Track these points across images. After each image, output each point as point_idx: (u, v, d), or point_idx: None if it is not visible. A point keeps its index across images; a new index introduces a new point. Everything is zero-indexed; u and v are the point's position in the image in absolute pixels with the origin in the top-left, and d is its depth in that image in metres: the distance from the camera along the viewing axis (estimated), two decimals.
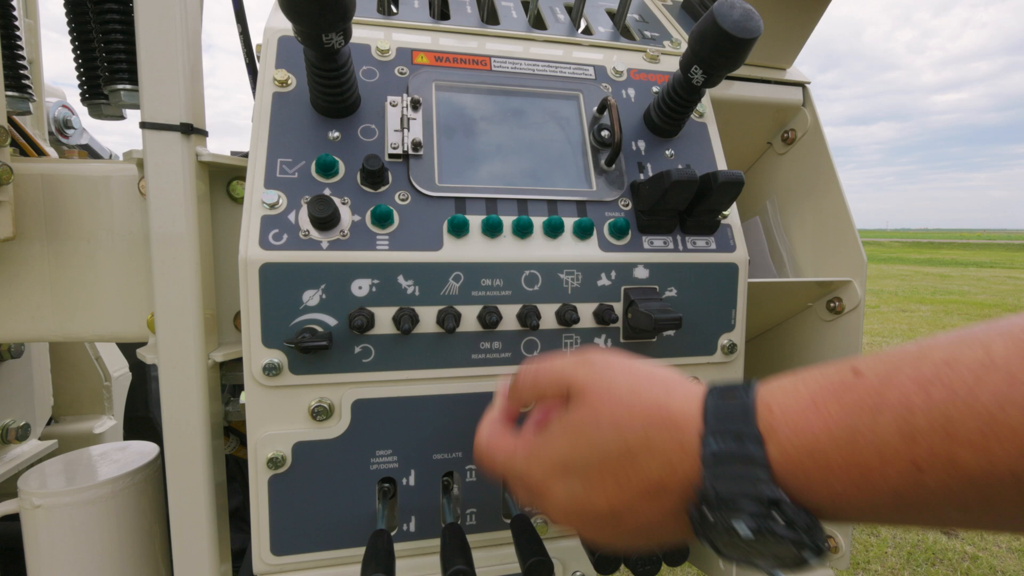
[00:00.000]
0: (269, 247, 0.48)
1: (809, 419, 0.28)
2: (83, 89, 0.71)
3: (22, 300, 0.59)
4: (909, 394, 0.25)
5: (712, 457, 0.30)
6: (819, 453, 0.27)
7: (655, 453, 0.33)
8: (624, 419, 0.34)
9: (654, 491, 0.33)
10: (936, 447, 0.24)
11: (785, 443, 0.28)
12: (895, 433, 0.25)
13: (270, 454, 0.49)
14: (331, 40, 0.44)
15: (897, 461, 0.25)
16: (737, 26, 0.48)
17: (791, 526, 0.27)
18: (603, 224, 0.56)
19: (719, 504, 0.29)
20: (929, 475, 0.24)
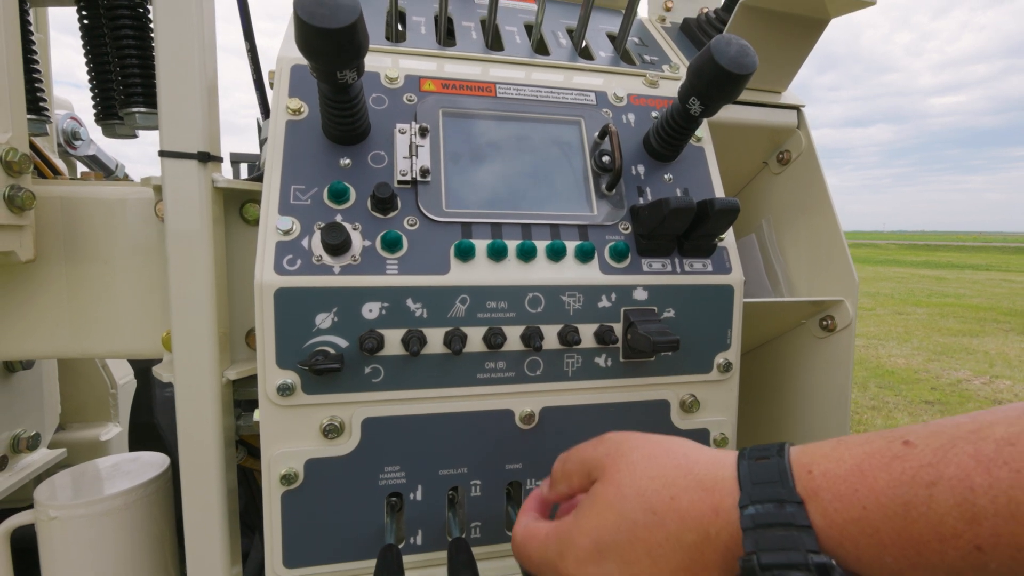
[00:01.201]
0: (284, 272, 0.49)
1: (855, 487, 0.27)
2: (97, 110, 0.72)
3: (40, 318, 0.60)
4: (969, 472, 0.24)
5: (751, 522, 0.28)
6: (868, 524, 0.26)
7: (685, 517, 0.31)
8: (646, 485, 0.34)
9: (691, 565, 0.31)
10: (1001, 530, 0.23)
11: (829, 510, 0.27)
12: (955, 513, 0.24)
13: (283, 471, 0.51)
14: (345, 76, 0.46)
15: (957, 542, 0.24)
16: (733, 62, 0.50)
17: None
18: (604, 248, 0.58)
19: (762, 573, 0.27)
20: (992, 558, 0.23)
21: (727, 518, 0.30)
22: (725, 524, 0.30)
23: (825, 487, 0.28)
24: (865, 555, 0.26)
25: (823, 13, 0.66)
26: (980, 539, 0.23)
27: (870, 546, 0.26)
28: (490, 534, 0.57)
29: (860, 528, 0.26)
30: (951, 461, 0.25)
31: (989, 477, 0.24)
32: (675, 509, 0.32)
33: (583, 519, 0.36)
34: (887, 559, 0.26)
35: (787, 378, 0.77)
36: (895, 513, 0.25)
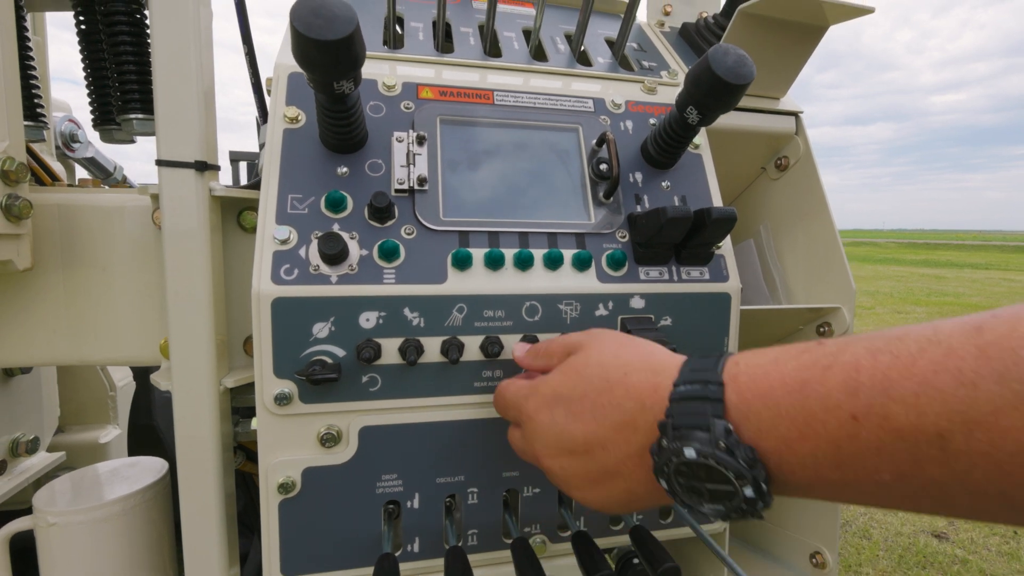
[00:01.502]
0: (281, 282, 0.50)
1: (768, 371, 0.32)
2: (95, 116, 0.72)
3: (38, 326, 0.60)
4: (859, 357, 0.28)
5: (678, 396, 0.34)
6: (771, 399, 0.31)
7: (631, 391, 0.37)
8: (610, 361, 0.40)
9: (625, 426, 0.37)
10: (874, 402, 0.27)
11: (743, 389, 0.32)
12: (840, 387, 0.28)
13: (281, 480, 0.51)
14: (342, 87, 0.46)
15: (838, 411, 0.28)
16: (731, 72, 0.50)
17: (733, 455, 0.31)
18: (601, 256, 0.58)
19: (674, 435, 0.33)
20: (864, 426, 0.27)
21: (663, 394, 0.35)
22: (659, 399, 0.35)
23: (744, 372, 0.33)
24: (764, 426, 0.31)
25: (822, 20, 0.65)
26: (856, 409, 0.27)
27: (769, 418, 0.30)
28: (487, 542, 0.57)
29: (764, 403, 0.31)
30: (848, 351, 0.29)
31: (873, 361, 0.28)
32: (624, 383, 0.38)
33: (552, 376, 0.43)
34: (781, 429, 0.30)
35: None
36: (794, 389, 0.30)
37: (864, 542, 2.36)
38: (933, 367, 0.26)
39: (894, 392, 0.26)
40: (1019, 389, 0.23)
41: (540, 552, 0.57)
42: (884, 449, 0.27)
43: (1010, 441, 0.23)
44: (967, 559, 2.22)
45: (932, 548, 2.30)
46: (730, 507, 0.32)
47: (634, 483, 0.37)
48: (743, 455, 0.30)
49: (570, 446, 0.39)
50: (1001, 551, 2.28)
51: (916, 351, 0.27)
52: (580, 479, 0.39)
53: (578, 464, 0.39)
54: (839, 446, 0.28)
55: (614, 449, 0.37)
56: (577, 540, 0.54)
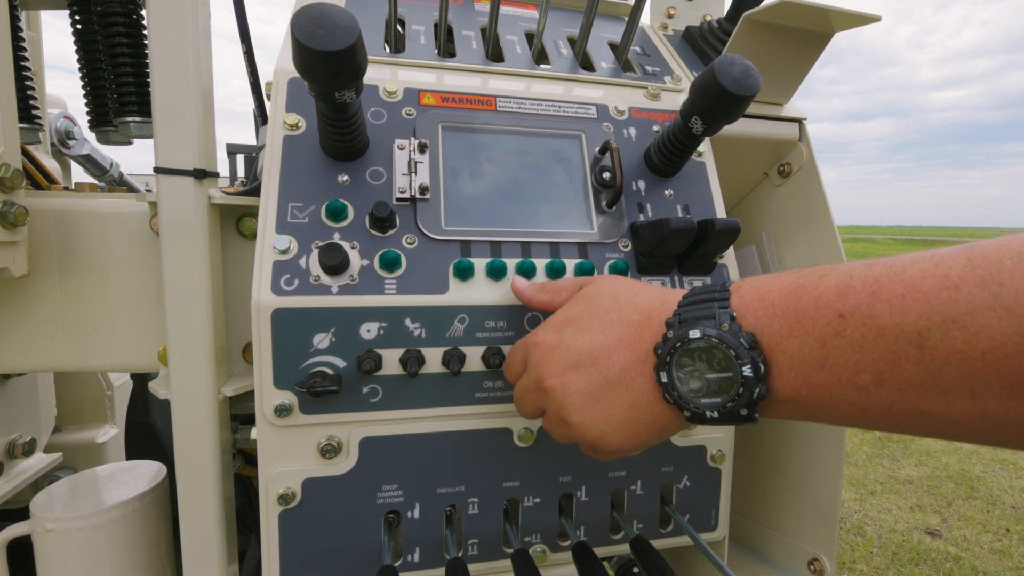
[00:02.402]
0: (281, 292, 0.49)
1: (768, 281, 0.34)
2: (91, 118, 0.71)
3: (35, 332, 0.60)
4: (854, 267, 0.30)
5: (685, 301, 0.37)
6: (767, 300, 0.33)
7: (639, 306, 0.40)
8: (620, 288, 0.42)
9: (631, 335, 0.38)
10: (861, 301, 0.28)
11: (744, 294, 0.34)
12: (832, 289, 0.30)
13: (281, 491, 0.51)
14: (343, 96, 0.45)
15: (827, 310, 0.30)
16: (736, 83, 0.50)
17: (735, 336, 0.32)
18: (603, 266, 0.58)
19: (680, 325, 0.35)
20: (849, 323, 0.29)
21: (669, 306, 0.37)
22: (667, 309, 0.37)
23: (747, 283, 0.35)
24: (760, 323, 0.33)
25: (827, 28, 0.65)
26: (844, 308, 0.29)
27: (765, 315, 0.32)
28: (488, 551, 0.57)
29: (761, 303, 0.33)
30: (845, 264, 0.31)
31: (866, 269, 0.30)
32: (633, 302, 0.40)
33: (562, 308, 0.45)
34: (774, 326, 0.32)
35: None
36: (789, 293, 0.32)
37: (858, 539, 2.38)
38: (921, 274, 0.27)
39: (881, 293, 0.28)
40: (998, 291, 0.24)
41: (540, 562, 0.57)
42: (866, 346, 0.28)
43: (983, 339, 0.24)
44: (960, 556, 2.24)
45: (925, 545, 2.32)
46: (728, 397, 0.33)
47: (635, 393, 0.37)
48: (744, 337, 0.32)
49: (575, 359, 0.40)
50: (993, 548, 2.31)
51: (908, 263, 0.28)
52: (582, 395, 0.39)
53: (581, 378, 0.39)
54: (824, 342, 0.30)
55: (618, 357, 0.38)
56: (577, 550, 0.54)
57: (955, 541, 2.36)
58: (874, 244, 34.29)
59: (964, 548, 2.31)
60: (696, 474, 0.62)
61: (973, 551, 2.29)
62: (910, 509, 2.62)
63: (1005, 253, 0.25)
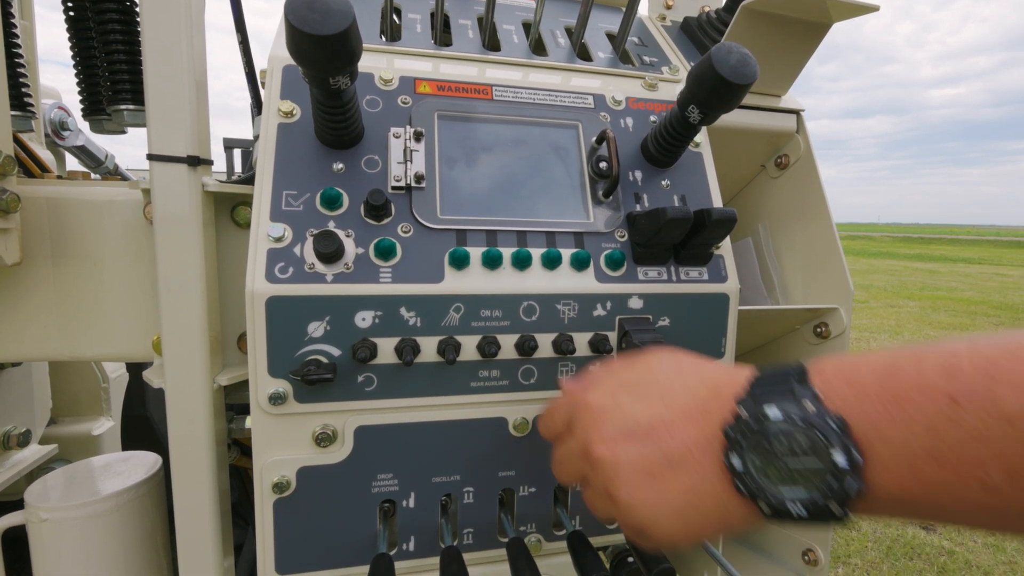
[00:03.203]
0: (275, 280, 0.49)
1: (855, 363, 0.30)
2: (84, 106, 0.71)
3: (28, 321, 0.59)
4: (956, 345, 0.26)
5: (757, 381, 0.32)
6: (856, 380, 0.28)
7: (705, 379, 0.35)
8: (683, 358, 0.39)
9: (696, 410, 0.34)
10: (976, 384, 0.24)
11: (826, 371, 0.30)
12: (936, 370, 0.26)
13: (275, 479, 0.51)
14: (338, 82, 0.45)
15: (934, 393, 0.25)
16: (733, 72, 0.49)
17: (822, 417, 0.28)
18: (599, 256, 0.58)
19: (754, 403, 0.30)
20: (966, 409, 0.24)
21: (740, 384, 0.33)
22: (737, 385, 0.33)
23: (829, 363, 0.31)
24: (850, 405, 0.28)
25: (825, 18, 0.65)
26: (956, 392, 0.25)
27: (855, 396, 0.28)
28: (482, 540, 0.57)
29: (848, 383, 0.29)
30: (942, 343, 0.27)
31: (971, 347, 0.26)
32: (699, 373, 0.36)
33: (616, 369, 0.40)
34: (868, 409, 0.27)
35: None
36: (883, 374, 0.28)
37: (853, 533, 2.39)
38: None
39: (1000, 374, 0.24)
40: None
41: (535, 551, 0.58)
42: (991, 437, 0.24)
43: None
44: (953, 551, 2.26)
45: (920, 540, 2.34)
46: (815, 488, 0.28)
47: (699, 477, 0.32)
48: (833, 420, 0.27)
49: (631, 427, 0.35)
50: (987, 543, 2.32)
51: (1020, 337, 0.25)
52: (636, 470, 0.34)
53: (636, 451, 0.34)
54: (937, 432, 0.25)
55: (680, 432, 0.33)
56: (572, 539, 0.54)
57: (949, 536, 2.37)
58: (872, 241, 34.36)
59: (958, 543, 2.32)
60: None
61: (967, 545, 2.30)
62: None
63: None
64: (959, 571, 2.14)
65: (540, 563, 0.52)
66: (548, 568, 0.59)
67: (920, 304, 7.90)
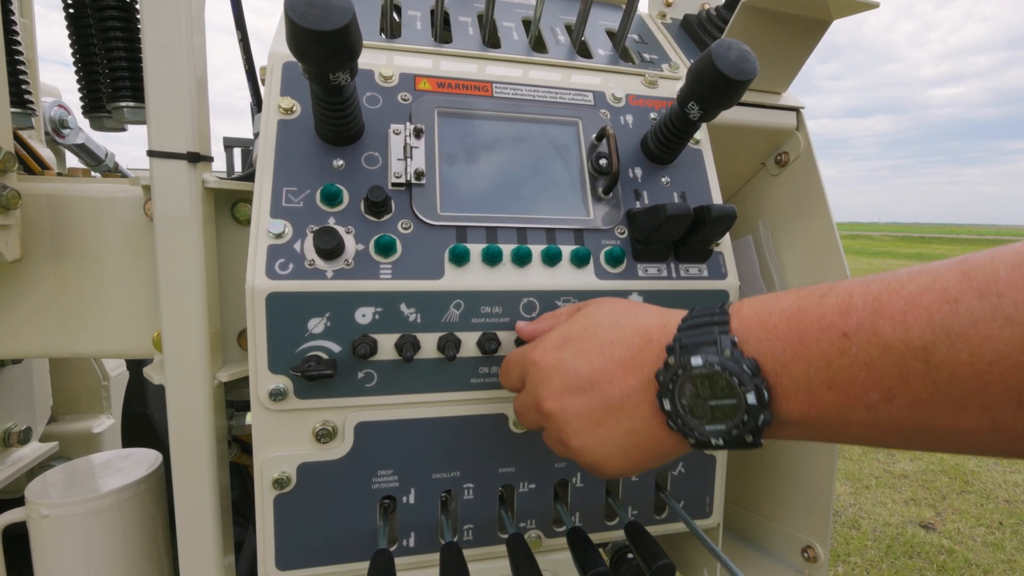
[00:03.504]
0: (275, 276, 0.49)
1: (767, 303, 0.34)
2: (84, 103, 0.71)
3: (29, 318, 0.60)
4: (852, 285, 0.30)
5: (685, 325, 0.36)
6: (769, 323, 0.33)
7: (639, 329, 0.39)
8: (619, 309, 0.42)
9: (632, 359, 0.38)
10: (864, 320, 0.28)
11: (745, 317, 0.34)
12: (833, 309, 0.30)
13: (275, 475, 0.51)
14: (338, 78, 0.45)
15: (830, 330, 0.30)
16: (733, 68, 0.49)
17: (737, 363, 0.32)
18: (599, 252, 0.58)
19: (681, 351, 0.34)
20: (854, 342, 0.28)
21: (670, 330, 0.37)
22: (667, 333, 0.37)
23: (747, 305, 0.35)
24: (762, 347, 0.32)
25: (825, 15, 0.65)
26: (847, 327, 0.29)
27: (767, 339, 0.32)
28: (482, 536, 0.57)
29: (763, 327, 0.33)
30: (843, 283, 0.31)
31: (865, 287, 0.30)
32: (633, 323, 0.40)
33: (563, 325, 0.44)
34: (777, 350, 0.32)
35: None
36: (791, 314, 0.32)
37: (853, 532, 2.40)
38: (920, 289, 0.27)
39: (883, 310, 0.28)
40: (997, 302, 0.25)
41: (535, 547, 0.58)
42: (872, 364, 0.28)
43: (988, 349, 0.25)
44: (953, 549, 2.26)
45: (919, 538, 2.34)
46: (732, 424, 0.33)
47: (637, 419, 0.37)
48: (747, 364, 0.32)
49: (575, 382, 0.39)
50: (986, 541, 2.32)
51: (906, 278, 0.28)
52: (582, 419, 0.39)
53: (581, 402, 0.39)
54: (830, 362, 0.29)
55: (619, 382, 0.37)
56: (572, 535, 0.54)
57: (949, 534, 2.37)
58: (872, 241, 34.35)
59: (957, 541, 2.32)
60: (691, 461, 0.62)
61: (966, 544, 2.30)
62: (904, 503, 2.64)
63: (999, 264, 0.25)
64: (958, 569, 2.14)
65: (540, 559, 0.52)
66: (548, 564, 0.59)
67: None
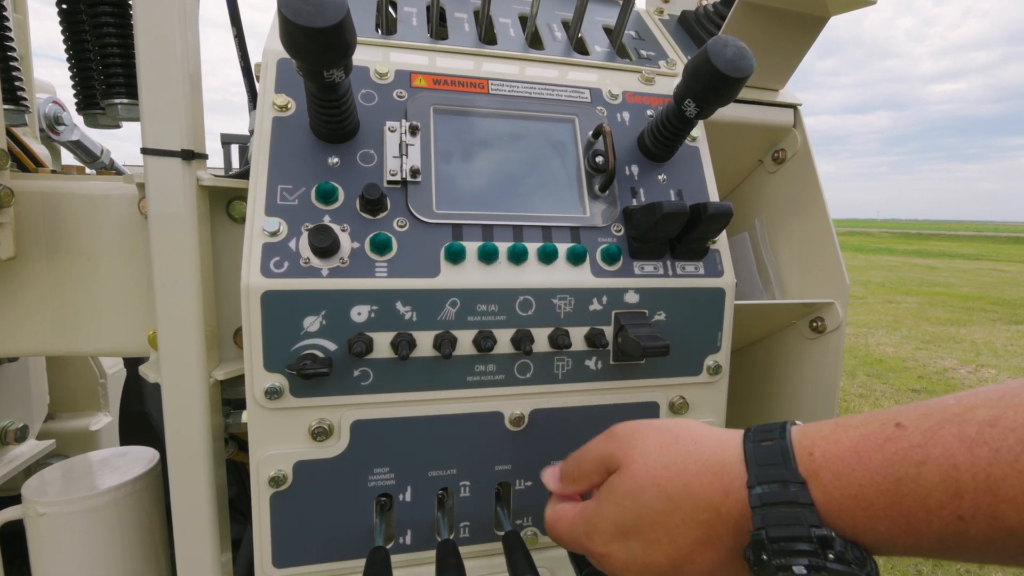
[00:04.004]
0: (271, 274, 0.49)
1: (852, 466, 0.30)
2: (78, 100, 0.70)
3: (23, 316, 0.59)
4: (954, 451, 0.27)
5: (759, 501, 0.32)
6: (863, 499, 0.29)
7: (698, 501, 0.35)
8: (660, 474, 0.37)
9: (706, 539, 0.35)
10: (980, 503, 0.26)
11: (829, 488, 0.30)
12: (940, 487, 0.27)
13: (272, 473, 0.51)
14: (332, 75, 0.44)
15: (942, 512, 0.27)
16: (730, 65, 0.49)
17: (843, 562, 0.29)
18: (596, 250, 0.58)
19: (774, 548, 0.31)
20: (972, 527, 0.27)
21: (736, 497, 0.33)
22: (735, 503, 0.33)
23: (825, 467, 0.31)
24: (860, 526, 0.30)
25: (823, 11, 0.64)
26: (962, 510, 0.27)
27: (865, 518, 0.29)
28: (478, 534, 0.57)
29: (856, 503, 0.29)
30: (938, 442, 0.28)
31: (971, 456, 0.27)
32: (688, 495, 0.35)
33: (604, 507, 0.39)
34: (880, 528, 0.29)
35: (776, 377, 0.78)
36: (887, 489, 0.28)
37: None
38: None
39: (1001, 492, 0.26)
40: None
41: (531, 544, 0.58)
42: (994, 543, 0.26)
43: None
44: None
45: None
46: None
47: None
48: (853, 558, 0.29)
49: (657, 571, 0.37)
50: None
51: (1015, 442, 0.26)
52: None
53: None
54: (945, 541, 0.28)
55: (702, 561, 0.35)
56: None
57: None
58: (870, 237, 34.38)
59: None
60: None
61: None
62: None
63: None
64: (955, 566, 2.15)
65: (536, 556, 0.52)
66: (544, 561, 0.59)
67: (918, 300, 7.91)
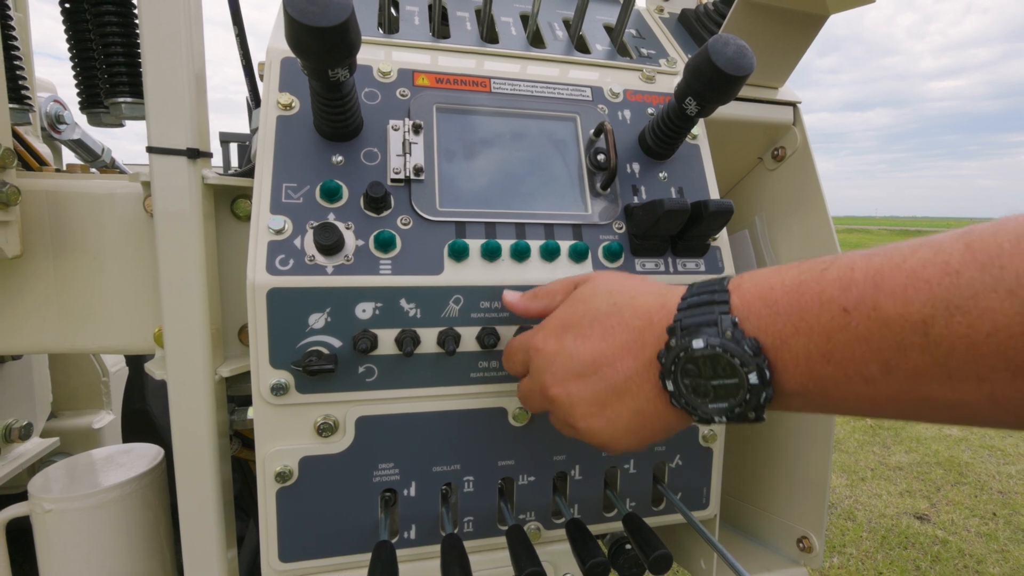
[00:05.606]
0: (276, 272, 0.49)
1: (769, 278, 0.34)
2: (81, 98, 0.71)
3: (29, 314, 0.60)
4: (854, 259, 0.30)
5: (685, 304, 0.36)
6: (770, 299, 0.33)
7: (638, 311, 0.39)
8: (616, 288, 0.42)
9: (633, 342, 0.38)
10: (864, 295, 0.28)
11: (745, 293, 0.34)
12: (834, 283, 0.30)
13: (277, 469, 0.51)
14: (337, 74, 0.45)
15: (831, 305, 0.30)
16: (730, 63, 0.50)
17: (738, 343, 0.32)
18: (597, 247, 0.58)
19: (682, 333, 0.35)
20: (854, 317, 0.29)
21: (669, 310, 0.37)
22: (667, 314, 0.37)
23: (747, 281, 0.35)
24: (763, 323, 0.32)
25: (822, 9, 0.65)
26: (847, 302, 0.29)
27: (768, 315, 0.32)
28: (482, 528, 0.58)
29: (763, 302, 0.33)
30: (845, 256, 0.31)
31: (867, 261, 0.29)
32: (632, 304, 0.40)
33: (559, 309, 0.44)
34: (778, 325, 0.32)
35: None
36: (792, 289, 0.32)
37: (848, 523, 2.42)
38: (922, 262, 0.27)
39: (884, 285, 0.28)
40: (998, 274, 0.25)
41: (535, 539, 0.58)
42: (872, 338, 0.28)
43: (986, 321, 0.25)
44: (947, 540, 2.28)
45: (914, 529, 2.36)
46: (734, 402, 0.33)
47: (641, 399, 0.37)
48: (748, 344, 0.32)
49: (578, 368, 0.40)
50: (980, 532, 2.35)
51: (908, 251, 0.28)
52: (587, 403, 0.39)
53: (585, 387, 0.39)
54: (830, 337, 0.30)
55: (621, 366, 0.38)
56: (571, 527, 0.55)
57: (943, 525, 2.40)
58: (869, 235, 34.44)
59: (952, 532, 2.35)
60: (688, 453, 0.63)
61: (960, 535, 2.33)
62: (900, 494, 2.66)
63: (1003, 236, 0.25)
64: (952, 560, 2.17)
65: (539, 550, 0.52)
66: (547, 555, 0.60)
67: None
